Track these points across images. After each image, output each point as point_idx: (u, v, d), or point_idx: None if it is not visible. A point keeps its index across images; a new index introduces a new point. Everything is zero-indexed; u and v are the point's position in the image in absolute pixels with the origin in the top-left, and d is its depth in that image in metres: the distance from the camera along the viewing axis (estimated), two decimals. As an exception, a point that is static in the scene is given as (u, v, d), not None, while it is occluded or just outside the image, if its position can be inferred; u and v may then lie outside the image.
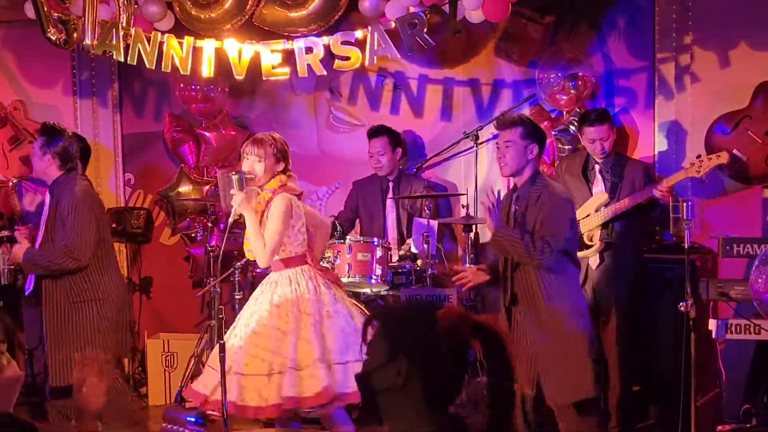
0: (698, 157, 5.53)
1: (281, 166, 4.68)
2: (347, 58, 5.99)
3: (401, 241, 6.21)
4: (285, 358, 4.44)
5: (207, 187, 6.80)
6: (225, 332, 4.58)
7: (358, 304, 4.83)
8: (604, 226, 5.44)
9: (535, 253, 4.44)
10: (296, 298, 4.55)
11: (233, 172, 4.57)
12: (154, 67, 6.10)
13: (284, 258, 4.65)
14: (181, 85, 6.74)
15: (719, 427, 5.25)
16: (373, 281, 5.73)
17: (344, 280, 5.69)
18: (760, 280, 4.75)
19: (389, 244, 5.94)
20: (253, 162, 4.63)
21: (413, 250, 6.06)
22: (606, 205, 5.45)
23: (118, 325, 5.32)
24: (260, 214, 4.60)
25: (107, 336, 5.23)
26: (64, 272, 5.10)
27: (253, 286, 5.59)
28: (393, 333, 2.29)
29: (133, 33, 6.01)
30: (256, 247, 4.56)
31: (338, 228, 5.99)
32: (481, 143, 6.39)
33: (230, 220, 4.60)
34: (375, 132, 6.30)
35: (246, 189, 4.53)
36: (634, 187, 5.49)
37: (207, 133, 6.80)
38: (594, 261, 5.47)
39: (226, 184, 4.58)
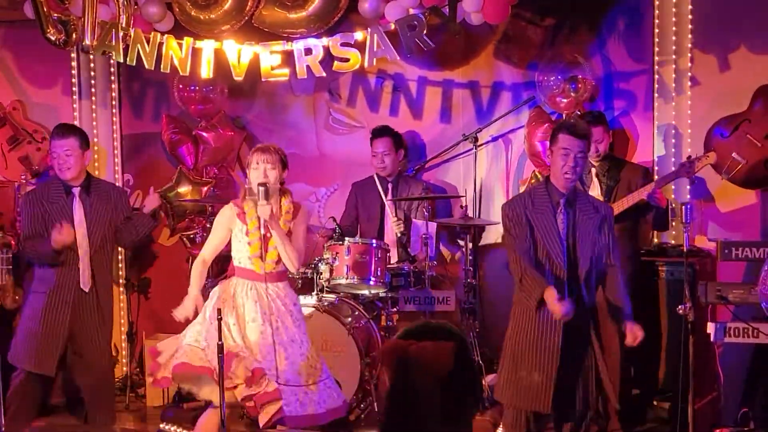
0: (688, 158, 5.56)
1: (286, 173, 4.76)
2: (346, 60, 5.99)
3: (398, 243, 6.19)
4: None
5: (206, 188, 6.80)
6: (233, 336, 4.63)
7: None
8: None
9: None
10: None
11: (259, 183, 4.59)
12: (153, 68, 6.10)
13: (282, 270, 4.75)
14: (180, 86, 6.74)
15: (717, 431, 5.25)
16: (371, 283, 5.72)
17: (342, 281, 5.70)
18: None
19: (387, 245, 5.93)
20: (264, 169, 4.66)
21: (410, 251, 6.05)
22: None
23: None
24: (286, 224, 4.69)
25: None
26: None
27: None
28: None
29: (132, 34, 6.01)
30: (291, 254, 4.64)
31: (337, 229, 5.98)
32: (480, 145, 6.39)
33: (262, 231, 4.63)
34: (379, 132, 6.30)
35: (270, 200, 4.58)
36: (630, 190, 5.51)
37: (205, 134, 6.80)
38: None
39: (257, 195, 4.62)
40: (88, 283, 5.31)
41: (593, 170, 5.65)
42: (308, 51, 6.02)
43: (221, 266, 6.27)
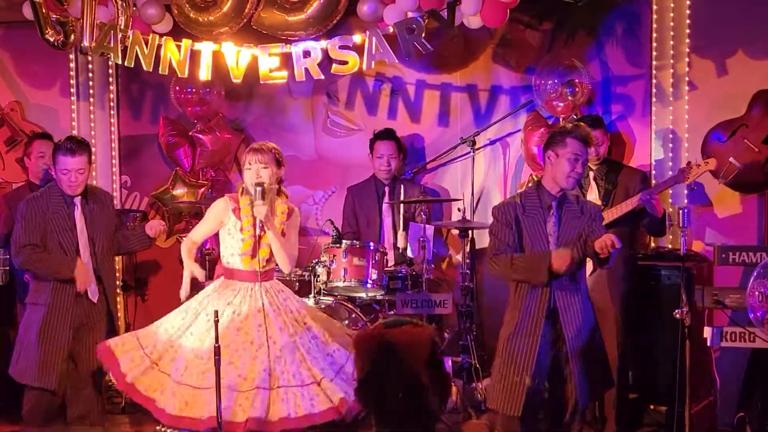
0: (687, 164, 5.56)
1: (282, 172, 4.74)
2: (345, 63, 6.00)
3: (395, 245, 6.20)
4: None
5: (202, 190, 6.79)
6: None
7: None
8: (597, 233, 5.44)
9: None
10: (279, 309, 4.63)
11: (256, 183, 4.57)
12: (151, 70, 6.10)
13: (269, 270, 4.72)
14: (177, 88, 6.74)
15: (713, 435, 5.26)
16: (368, 286, 5.72)
17: (340, 284, 5.70)
18: (757, 293, 4.74)
19: (385, 248, 5.94)
20: (258, 169, 4.64)
21: (409, 253, 6.05)
22: (598, 213, 5.46)
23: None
24: (281, 224, 4.67)
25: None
26: None
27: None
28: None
29: (131, 35, 6.01)
30: (284, 255, 4.64)
31: (334, 232, 5.97)
32: (478, 149, 6.39)
33: (258, 231, 4.62)
34: (384, 135, 6.30)
35: (267, 199, 4.56)
36: (628, 194, 5.51)
37: (202, 137, 6.80)
38: (587, 268, 5.46)
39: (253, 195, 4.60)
40: (96, 293, 5.20)
41: (591, 174, 5.65)
42: (307, 54, 6.03)
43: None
